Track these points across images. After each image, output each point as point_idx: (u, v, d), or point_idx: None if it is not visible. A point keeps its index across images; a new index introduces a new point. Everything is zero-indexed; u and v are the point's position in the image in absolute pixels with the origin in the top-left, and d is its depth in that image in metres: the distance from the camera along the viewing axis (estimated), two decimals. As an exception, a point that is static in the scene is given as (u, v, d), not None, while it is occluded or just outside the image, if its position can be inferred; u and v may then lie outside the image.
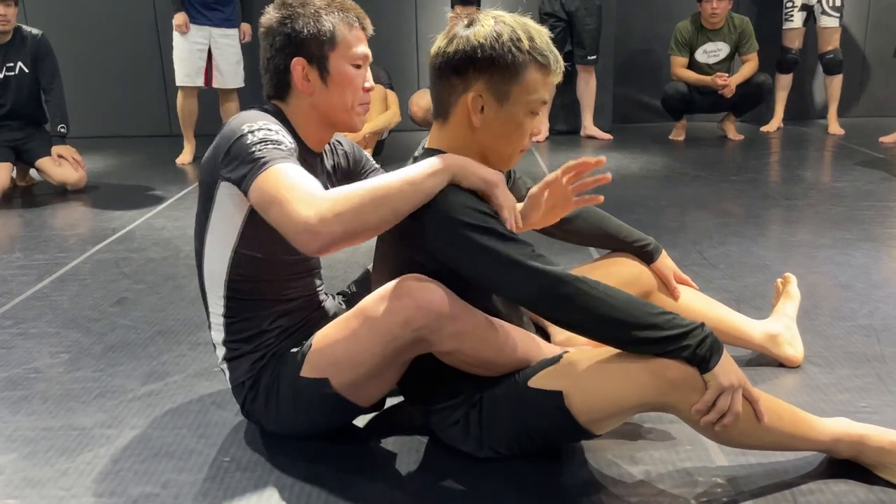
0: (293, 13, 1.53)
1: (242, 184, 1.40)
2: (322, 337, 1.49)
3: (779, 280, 2.03)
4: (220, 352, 1.60)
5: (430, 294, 1.34)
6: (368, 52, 1.59)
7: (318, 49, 1.52)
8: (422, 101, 4.78)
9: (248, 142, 1.41)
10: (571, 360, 1.41)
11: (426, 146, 1.49)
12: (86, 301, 2.52)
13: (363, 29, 1.57)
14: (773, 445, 1.43)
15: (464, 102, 1.40)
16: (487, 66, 1.36)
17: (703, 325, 1.32)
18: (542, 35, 1.40)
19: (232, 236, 1.51)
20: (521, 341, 1.45)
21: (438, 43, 1.42)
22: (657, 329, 1.29)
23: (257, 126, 1.44)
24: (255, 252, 1.53)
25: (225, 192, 1.48)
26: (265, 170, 1.36)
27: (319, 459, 1.54)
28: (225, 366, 1.60)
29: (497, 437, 1.46)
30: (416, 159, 1.47)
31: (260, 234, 1.49)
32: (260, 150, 1.39)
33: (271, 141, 1.42)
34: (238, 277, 1.54)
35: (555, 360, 1.42)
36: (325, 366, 1.46)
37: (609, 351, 1.36)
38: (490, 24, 1.37)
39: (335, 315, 1.64)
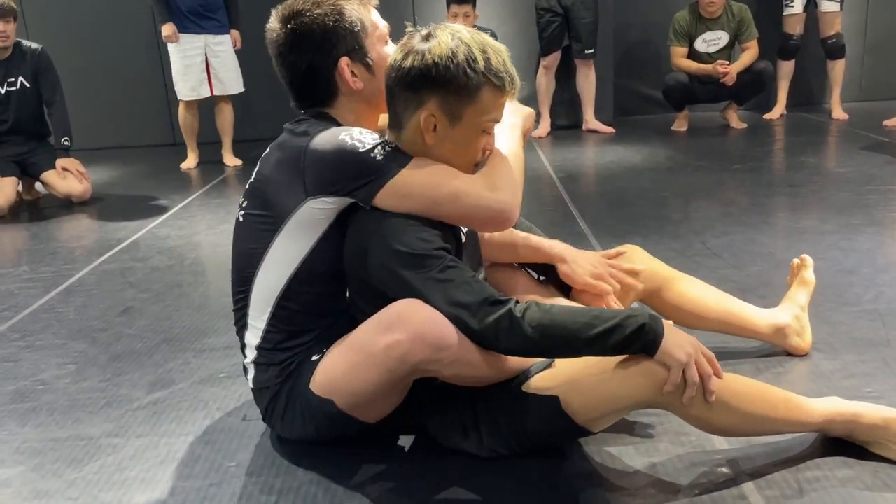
0: (314, 17, 1.46)
1: (367, 195, 1.39)
2: (327, 360, 1.47)
3: (795, 260, 1.97)
4: (251, 354, 1.56)
5: (424, 326, 1.32)
6: (386, 23, 1.57)
7: (354, 41, 1.49)
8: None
9: (359, 155, 1.39)
10: (565, 363, 1.41)
11: None
12: (92, 312, 2.54)
13: (372, 4, 1.56)
14: (769, 431, 1.44)
15: (417, 119, 1.39)
16: (441, 85, 1.35)
17: (631, 312, 1.32)
18: (500, 54, 1.37)
19: (301, 252, 1.47)
20: None
21: (395, 55, 1.41)
22: (589, 328, 1.29)
23: (357, 137, 1.40)
24: (321, 266, 1.48)
25: (306, 213, 1.43)
26: (397, 173, 1.38)
27: (325, 462, 1.54)
28: (252, 367, 1.57)
29: (496, 440, 1.47)
30: None
31: (333, 249, 1.46)
32: (378, 156, 1.39)
33: (380, 145, 1.40)
34: (295, 290, 1.49)
35: (548, 362, 1.42)
36: (330, 390, 1.45)
37: None
38: (447, 42, 1.35)
39: None
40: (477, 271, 1.56)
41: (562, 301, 1.70)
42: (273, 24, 1.51)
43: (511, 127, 1.54)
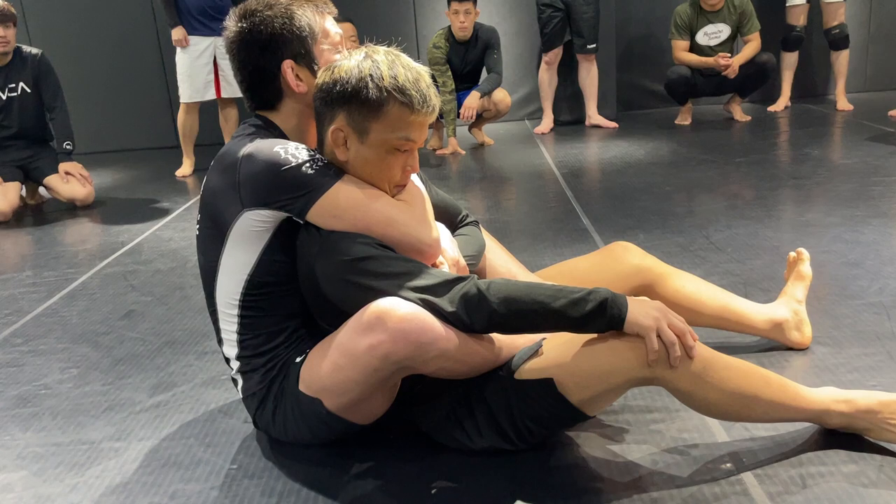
0: (263, 18, 1.49)
1: (300, 210, 1.41)
2: (311, 361, 1.48)
3: (792, 253, 1.95)
4: (234, 365, 1.59)
5: (405, 324, 1.32)
6: (341, 31, 1.59)
7: (301, 46, 1.50)
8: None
9: (291, 170, 1.40)
10: (554, 345, 1.41)
11: None
12: (94, 316, 2.54)
13: (329, 13, 1.57)
14: (765, 416, 1.43)
15: (328, 135, 1.44)
16: (347, 99, 1.39)
17: (594, 289, 1.34)
18: (412, 73, 1.39)
19: (249, 262, 1.48)
20: (500, 339, 1.44)
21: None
22: (553, 300, 1.32)
23: (291, 151, 1.42)
24: (271, 276, 1.50)
25: (245, 224, 1.45)
26: (329, 190, 1.40)
27: (325, 464, 1.54)
28: (239, 377, 1.59)
29: (492, 431, 1.46)
30: None
31: (279, 260, 1.48)
32: (310, 171, 1.41)
33: (313, 160, 1.43)
34: (253, 295, 1.51)
35: (535, 349, 1.43)
36: (317, 389, 1.46)
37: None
38: (356, 59, 1.40)
39: None
40: None
41: None
42: (229, 21, 1.53)
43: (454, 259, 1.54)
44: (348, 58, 1.42)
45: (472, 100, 4.91)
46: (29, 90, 4.20)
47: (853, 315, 2.05)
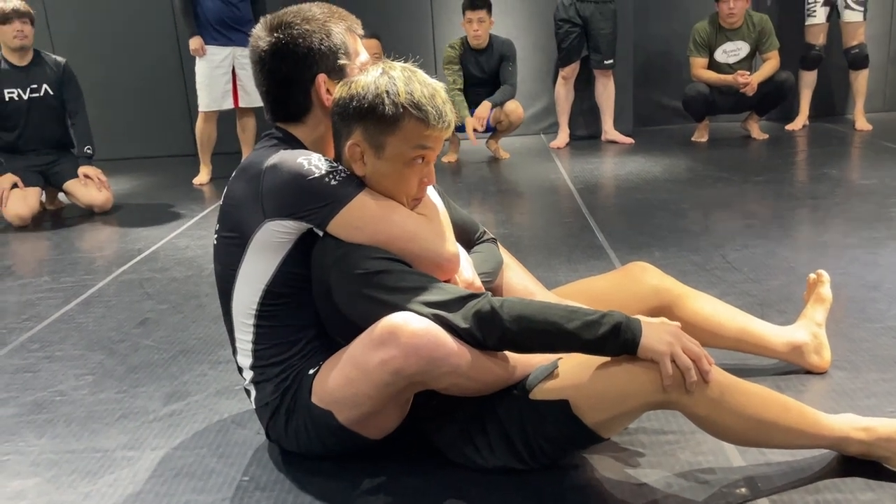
0: (302, 31, 1.49)
1: (322, 220, 1.42)
2: (323, 374, 1.48)
3: (812, 275, 1.93)
4: (248, 375, 1.59)
5: (417, 339, 1.32)
6: (368, 56, 1.61)
7: (335, 61, 1.52)
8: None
9: (315, 180, 1.41)
10: (570, 366, 1.41)
11: None
12: (110, 323, 2.56)
13: (358, 34, 1.59)
14: (783, 443, 1.41)
15: (345, 150, 1.45)
16: (363, 115, 1.40)
17: (609, 311, 1.34)
18: (428, 89, 1.40)
19: (267, 272, 1.49)
20: (514, 357, 1.43)
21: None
22: (567, 321, 1.32)
23: (314, 163, 1.43)
24: (288, 287, 1.50)
25: (266, 235, 1.46)
26: (351, 201, 1.41)
27: (337, 477, 1.54)
28: (252, 387, 1.60)
29: (505, 450, 1.46)
30: None
31: (297, 272, 1.49)
32: (333, 182, 1.42)
33: (336, 172, 1.44)
34: (270, 306, 1.52)
35: (551, 369, 1.42)
36: (329, 401, 1.46)
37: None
38: (373, 75, 1.42)
39: None
40: None
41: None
42: (259, 31, 1.54)
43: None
44: (365, 73, 1.44)
45: (483, 109, 4.91)
46: (52, 92, 4.26)
47: (871, 339, 2.03)
